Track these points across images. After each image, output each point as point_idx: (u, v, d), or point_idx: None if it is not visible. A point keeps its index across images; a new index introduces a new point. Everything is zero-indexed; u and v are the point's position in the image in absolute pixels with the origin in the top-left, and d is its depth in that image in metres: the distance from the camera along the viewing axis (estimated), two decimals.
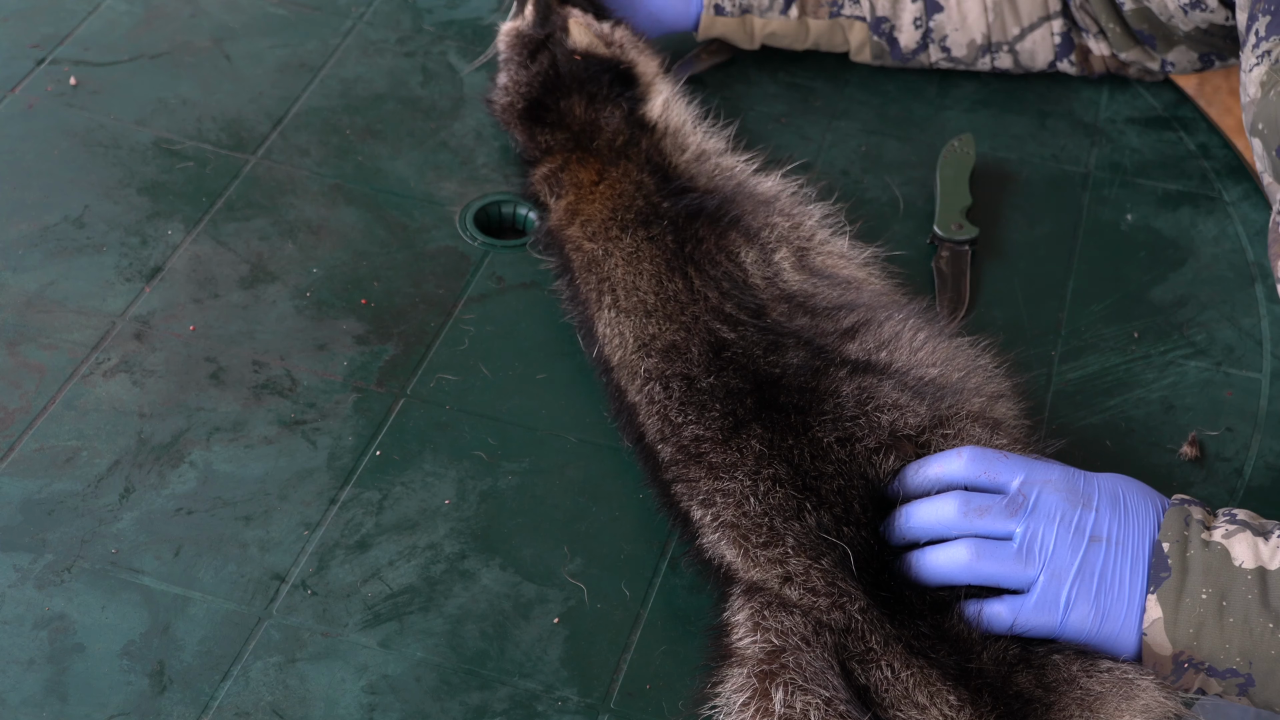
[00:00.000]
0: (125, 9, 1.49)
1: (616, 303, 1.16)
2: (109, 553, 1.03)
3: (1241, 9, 1.20)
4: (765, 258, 1.19)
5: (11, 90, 1.39)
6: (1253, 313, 1.27)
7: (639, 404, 1.10)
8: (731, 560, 1.00)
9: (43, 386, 1.13)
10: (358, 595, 1.02)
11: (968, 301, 1.25)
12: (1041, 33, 1.43)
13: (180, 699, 0.95)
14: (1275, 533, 0.95)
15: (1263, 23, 1.15)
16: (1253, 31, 1.17)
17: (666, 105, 1.32)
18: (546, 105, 1.31)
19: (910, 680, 0.92)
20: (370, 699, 0.96)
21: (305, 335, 1.19)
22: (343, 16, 1.51)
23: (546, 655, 1.00)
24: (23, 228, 1.26)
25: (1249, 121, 1.17)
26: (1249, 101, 1.17)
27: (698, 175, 1.27)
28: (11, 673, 0.96)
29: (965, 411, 1.06)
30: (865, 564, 0.97)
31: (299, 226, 1.29)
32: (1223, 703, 0.97)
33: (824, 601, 0.96)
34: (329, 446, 1.11)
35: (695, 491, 1.04)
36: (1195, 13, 1.30)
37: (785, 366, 1.09)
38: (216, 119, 1.38)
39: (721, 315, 1.13)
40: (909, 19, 1.42)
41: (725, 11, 1.42)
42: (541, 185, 1.28)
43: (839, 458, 1.02)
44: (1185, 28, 1.33)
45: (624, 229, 1.20)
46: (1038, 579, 0.95)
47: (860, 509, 1.00)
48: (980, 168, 1.38)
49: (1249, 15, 1.18)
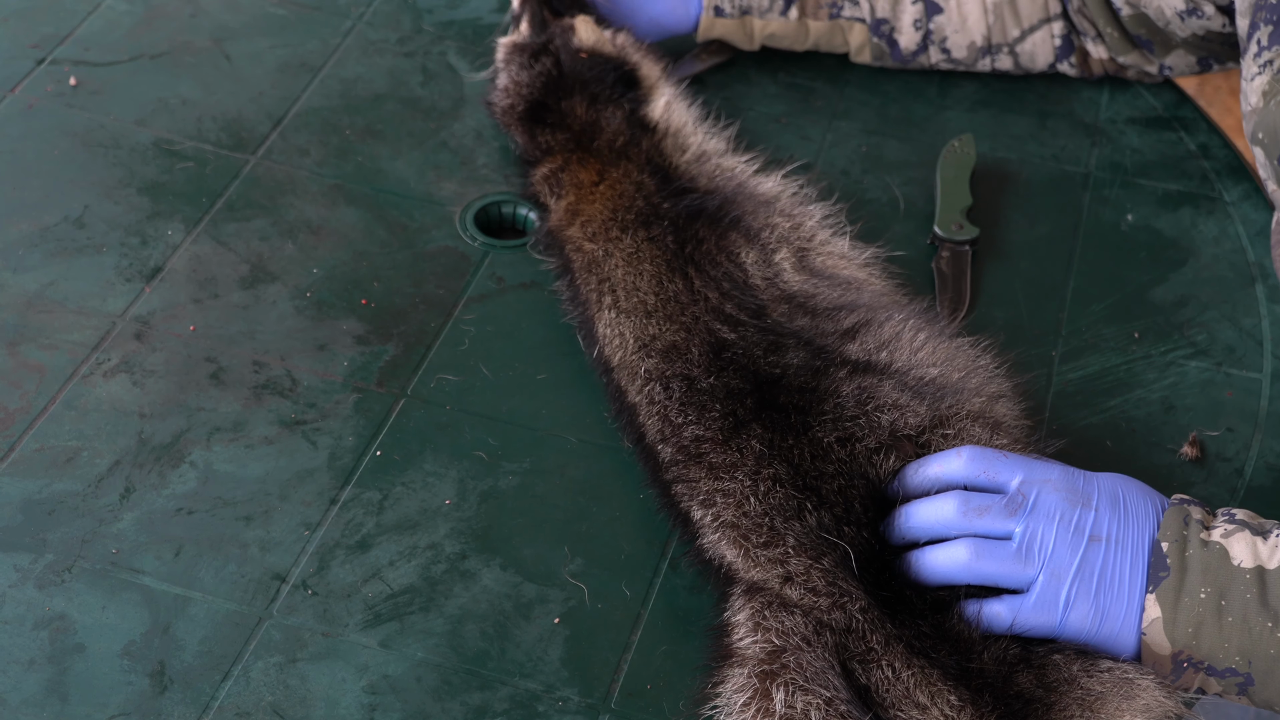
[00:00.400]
0: (125, 9, 1.49)
1: (617, 303, 1.16)
2: (109, 553, 1.03)
3: (1242, 15, 1.20)
4: (766, 258, 1.19)
5: (11, 90, 1.39)
6: (1253, 313, 1.27)
7: (639, 404, 1.10)
8: (732, 560, 1.00)
9: (43, 386, 1.13)
10: (358, 595, 1.02)
11: (968, 302, 1.25)
12: (1042, 35, 1.43)
13: (181, 699, 0.95)
14: (1274, 532, 0.95)
15: (1264, 32, 1.15)
16: (1254, 40, 1.17)
17: (668, 106, 1.32)
18: (548, 106, 1.32)
19: (911, 680, 0.92)
20: (371, 699, 0.96)
21: (305, 335, 1.19)
22: (343, 16, 1.51)
23: (547, 655, 1.00)
24: (23, 228, 1.26)
25: (1250, 130, 1.17)
26: (1250, 110, 1.16)
27: (698, 176, 1.27)
28: (12, 673, 0.96)
29: (965, 411, 1.06)
30: (866, 564, 0.97)
31: (299, 226, 1.29)
32: (1223, 702, 0.97)
33: (825, 601, 0.96)
34: (329, 446, 1.11)
35: (695, 492, 1.04)
36: (1192, 19, 1.29)
37: (785, 367, 1.09)
38: (216, 119, 1.38)
39: (722, 316, 1.13)
40: (909, 21, 1.42)
41: (725, 13, 1.42)
42: (542, 186, 1.28)
43: (839, 457, 1.02)
44: (1183, 34, 1.33)
45: (624, 229, 1.20)
46: (1037, 579, 0.95)
47: (861, 509, 1.00)
48: (980, 168, 1.38)
49: (1250, 23, 1.18)
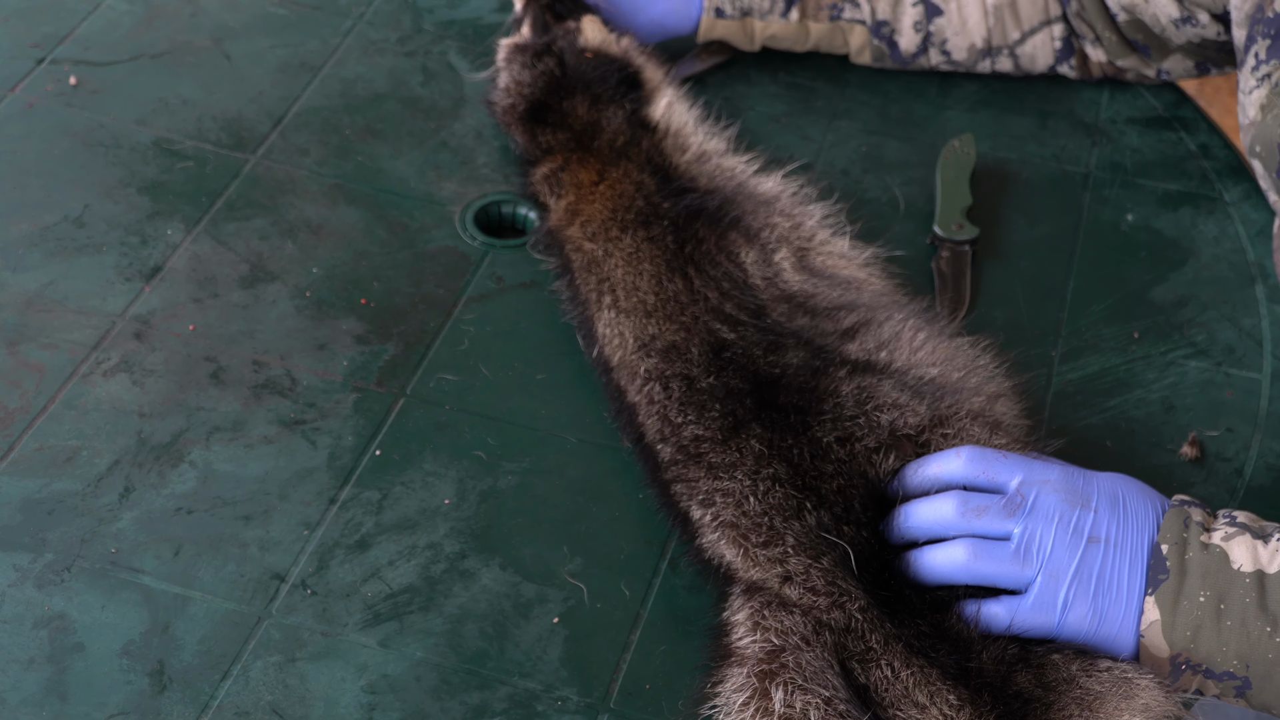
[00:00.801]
0: (125, 9, 1.49)
1: (616, 303, 1.16)
2: (109, 552, 1.03)
3: (1239, 26, 1.20)
4: (765, 258, 1.19)
5: (11, 90, 1.39)
6: (1253, 313, 1.27)
7: (639, 404, 1.10)
8: (731, 560, 1.00)
9: (43, 386, 1.13)
10: (358, 595, 1.02)
11: (968, 301, 1.25)
12: (1042, 37, 1.43)
13: (180, 698, 0.95)
14: (1275, 536, 0.95)
15: (1262, 45, 1.15)
16: (1251, 53, 1.16)
17: (669, 107, 1.32)
18: (549, 105, 1.31)
19: (910, 679, 0.92)
20: (370, 699, 0.96)
21: (305, 335, 1.19)
22: (343, 16, 1.51)
23: (546, 655, 1.00)
24: (23, 228, 1.26)
25: (1247, 143, 1.17)
26: (1248, 123, 1.16)
27: (698, 176, 1.27)
28: (11, 672, 0.96)
29: (965, 411, 1.06)
30: (866, 563, 0.97)
31: (299, 226, 1.29)
32: (1221, 703, 0.97)
33: (824, 601, 0.96)
34: (329, 446, 1.11)
35: (695, 491, 1.04)
36: (1187, 27, 1.29)
37: (785, 366, 1.09)
38: (216, 119, 1.38)
39: (721, 315, 1.13)
40: (909, 23, 1.42)
41: (725, 14, 1.42)
42: (541, 185, 1.28)
43: (839, 457, 1.02)
44: (1178, 40, 1.33)
45: (624, 229, 1.20)
46: (1035, 579, 0.95)
47: (860, 508, 1.00)
48: (980, 168, 1.38)
49: (1247, 35, 1.17)
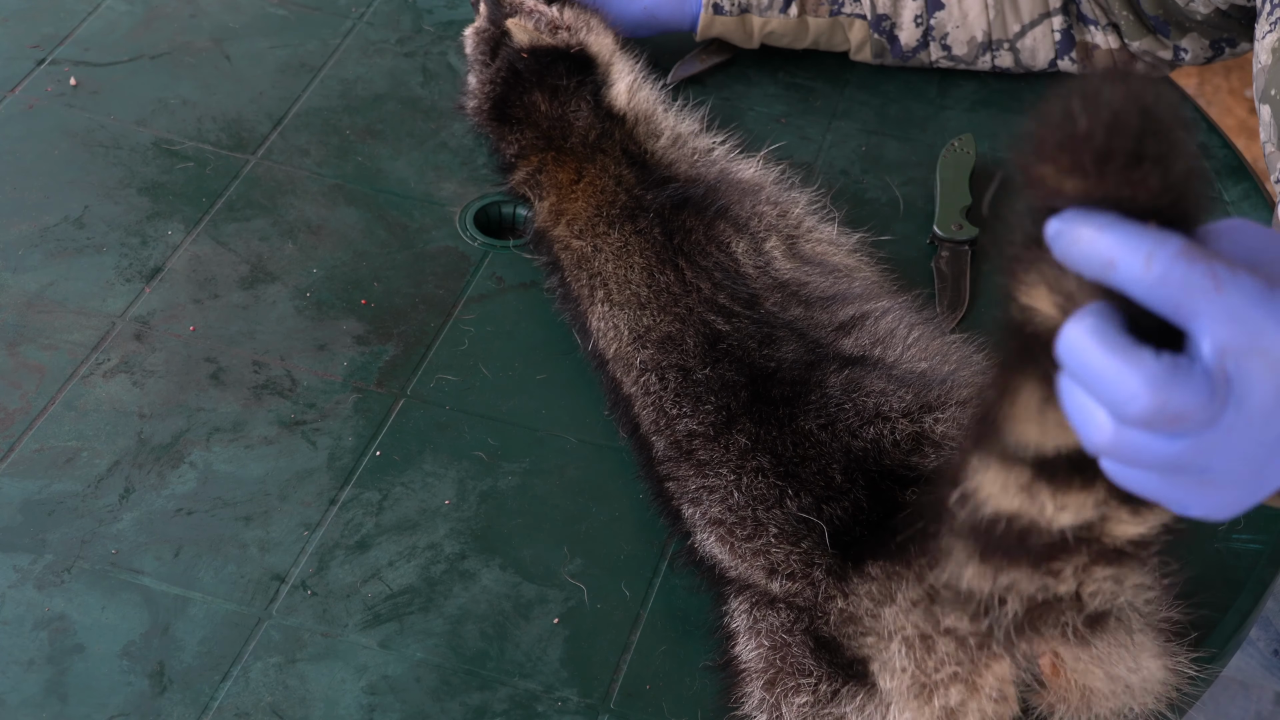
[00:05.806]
0: (125, 9, 1.49)
1: (609, 297, 1.15)
2: (109, 553, 1.03)
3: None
4: (756, 247, 1.18)
5: (11, 90, 1.39)
6: None
7: (635, 395, 1.10)
8: (720, 557, 1.00)
9: (43, 387, 1.13)
10: (358, 595, 1.02)
11: (967, 301, 1.25)
12: (1042, 29, 1.42)
13: (180, 699, 0.95)
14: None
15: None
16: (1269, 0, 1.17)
17: (632, 91, 1.30)
18: (510, 102, 1.30)
19: (869, 597, 0.91)
20: (370, 699, 0.96)
21: (305, 335, 1.19)
22: (343, 16, 1.51)
23: (546, 655, 1.00)
24: (23, 228, 1.26)
25: (1260, 88, 1.17)
26: (1260, 69, 1.17)
27: (677, 161, 1.25)
28: (11, 673, 0.96)
29: (954, 400, 1.06)
30: (842, 537, 0.96)
31: (299, 226, 1.29)
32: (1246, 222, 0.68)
33: (801, 585, 0.95)
34: (329, 447, 1.11)
35: (685, 489, 1.03)
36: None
37: (780, 360, 1.08)
38: (216, 119, 1.38)
39: (715, 306, 1.13)
40: (909, 16, 1.42)
41: (724, 10, 1.42)
42: (522, 189, 1.27)
43: (820, 440, 1.01)
44: (1205, 10, 1.32)
45: (610, 225, 1.19)
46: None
47: (842, 478, 0.98)
48: (980, 168, 1.38)
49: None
